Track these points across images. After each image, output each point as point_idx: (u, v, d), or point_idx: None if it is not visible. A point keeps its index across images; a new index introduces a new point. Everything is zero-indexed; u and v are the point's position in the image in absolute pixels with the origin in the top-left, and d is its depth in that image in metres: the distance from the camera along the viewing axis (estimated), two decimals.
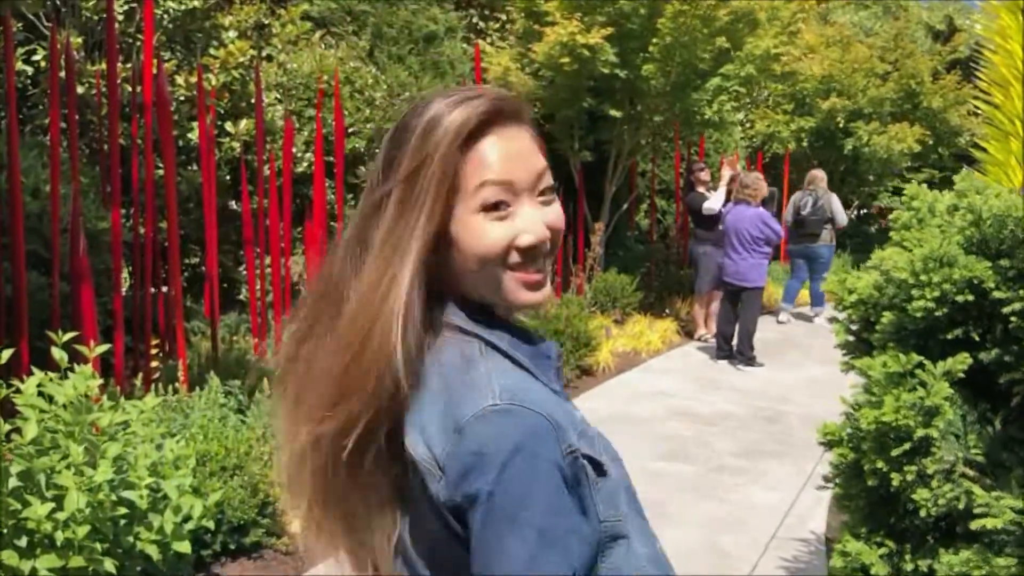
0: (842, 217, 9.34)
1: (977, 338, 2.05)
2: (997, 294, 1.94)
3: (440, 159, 0.94)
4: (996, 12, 15.15)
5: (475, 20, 10.03)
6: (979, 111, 14.27)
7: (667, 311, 9.04)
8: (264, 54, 8.09)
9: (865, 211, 16.52)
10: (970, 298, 1.99)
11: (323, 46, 8.61)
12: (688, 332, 8.67)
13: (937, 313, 2.04)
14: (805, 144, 13.30)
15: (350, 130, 8.12)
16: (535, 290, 1.02)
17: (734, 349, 7.58)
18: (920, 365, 2.03)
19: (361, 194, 1.11)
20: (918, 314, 2.06)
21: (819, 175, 9.48)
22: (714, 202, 8.20)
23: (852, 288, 2.38)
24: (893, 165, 13.91)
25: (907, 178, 14.74)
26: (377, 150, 6.46)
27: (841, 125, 13.15)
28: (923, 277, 2.04)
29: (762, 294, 7.79)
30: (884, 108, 13.40)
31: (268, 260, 6.17)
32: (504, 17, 9.64)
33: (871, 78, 13.22)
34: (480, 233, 0.96)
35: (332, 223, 7.28)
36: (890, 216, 2.72)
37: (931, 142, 13.92)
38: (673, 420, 5.91)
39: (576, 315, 7.20)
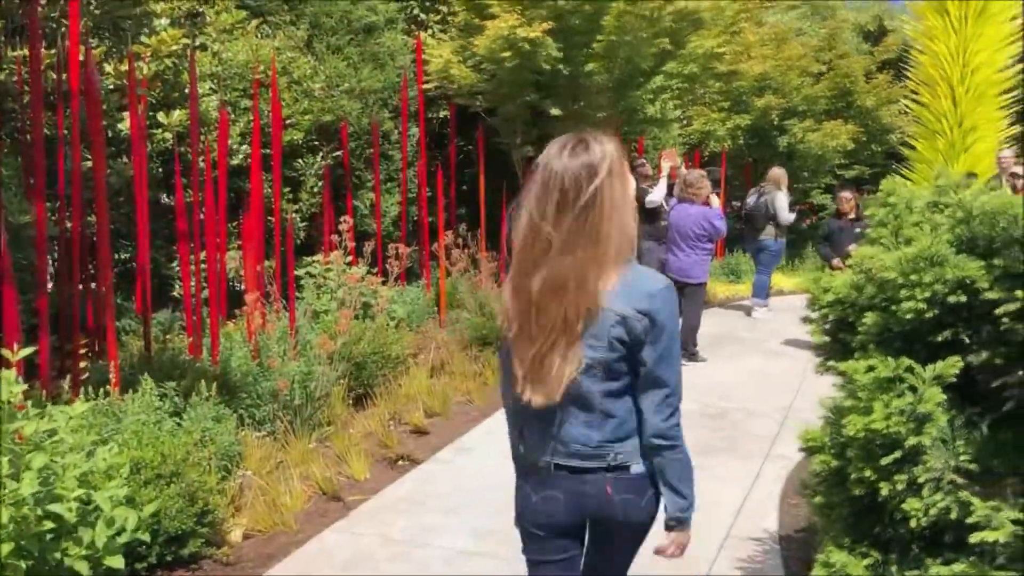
0: (784, 215, 9.52)
1: (967, 340, 2.01)
2: (989, 295, 1.89)
3: None
4: (923, 14, 15.43)
5: (416, 11, 9.86)
6: (909, 110, 14.63)
7: None
8: (198, 43, 7.81)
9: (799, 207, 16.81)
10: (962, 299, 1.93)
11: (259, 35, 8.36)
12: None
13: (927, 315, 1.99)
14: (741, 142, 13.46)
15: (287, 121, 7.91)
16: None
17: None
18: (909, 369, 1.98)
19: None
20: (907, 316, 2.01)
21: (775, 173, 9.71)
22: (656, 194, 8.25)
23: (828, 287, 2.33)
24: (826, 162, 14.18)
25: (839, 174, 15.06)
26: (315, 142, 6.28)
27: (776, 123, 13.36)
28: (913, 277, 1.98)
29: (705, 290, 7.83)
30: (818, 106, 13.65)
31: (203, 255, 5.95)
32: (445, 9, 9.50)
33: (805, 77, 13.45)
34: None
35: (269, 217, 7.08)
36: (865, 212, 2.69)
37: (864, 139, 14.23)
38: None
39: None
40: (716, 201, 7.74)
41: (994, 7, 13.23)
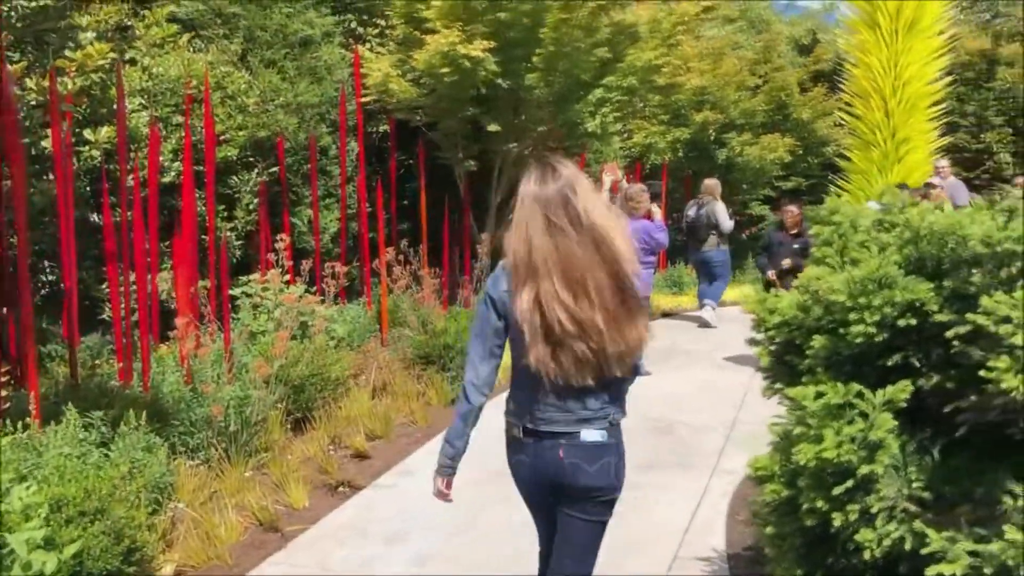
0: (725, 224, 9.72)
1: (917, 363, 1.96)
2: (939, 317, 1.85)
3: None
4: (855, 28, 15.81)
5: (353, 25, 9.72)
6: (844, 122, 14.92)
7: None
8: (127, 57, 7.56)
9: (737, 219, 17.03)
10: (912, 322, 1.89)
11: (191, 50, 8.13)
12: None
13: (877, 338, 1.94)
14: (681, 155, 13.58)
15: (221, 137, 7.70)
16: None
17: None
18: (859, 395, 1.93)
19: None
20: (857, 339, 1.96)
21: (710, 184, 9.96)
22: None
23: (774, 308, 2.27)
24: (765, 174, 14.39)
25: (776, 186, 15.29)
26: (251, 158, 6.10)
27: (714, 136, 13.51)
28: (862, 300, 1.93)
29: (648, 303, 7.81)
30: (755, 119, 13.85)
31: (133, 276, 5.73)
32: (384, 23, 9.38)
33: (742, 91, 13.64)
34: None
35: (203, 235, 6.87)
36: (810, 230, 2.64)
37: (801, 151, 14.47)
38: None
39: (465, 328, 7.04)
40: (658, 213, 7.74)
41: (923, 22, 13.58)
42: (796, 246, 6.81)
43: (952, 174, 10.99)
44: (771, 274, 8.28)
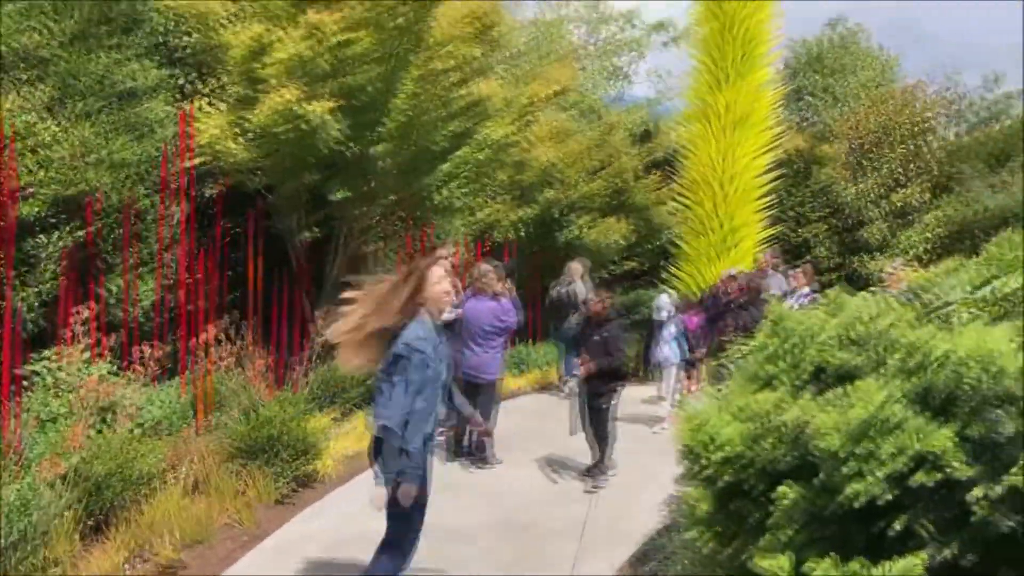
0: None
1: (925, 531, 1.55)
2: (960, 473, 1.44)
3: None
4: (689, 120, 16.40)
5: (182, 82, 8.94)
6: (678, 210, 15.30)
7: None
8: None
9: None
10: (933, 479, 1.45)
11: None
12: None
13: (887, 497, 1.49)
14: (523, 234, 13.43)
15: (23, 192, 6.73)
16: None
17: (472, 446, 7.08)
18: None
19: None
20: (860, 499, 1.52)
21: (573, 266, 10.58)
22: (446, 313, 7.75)
23: (715, 438, 1.77)
24: (603, 256, 14.46)
25: (613, 270, 15.43)
26: (56, 217, 5.57)
27: (558, 216, 13.48)
28: (862, 448, 1.49)
29: (499, 385, 7.39)
30: (595, 203, 13.95)
31: None
32: (219, 80, 8.65)
33: (583, 173, 13.74)
34: None
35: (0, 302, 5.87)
36: (753, 342, 2.20)
37: (639, 236, 14.68)
38: None
39: (293, 418, 6.31)
40: (507, 296, 7.38)
41: (753, 117, 14.26)
42: (596, 338, 6.61)
43: (775, 265, 11.21)
44: (578, 361, 7.91)
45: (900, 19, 47.47)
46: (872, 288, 4.17)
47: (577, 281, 10.36)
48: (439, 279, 4.03)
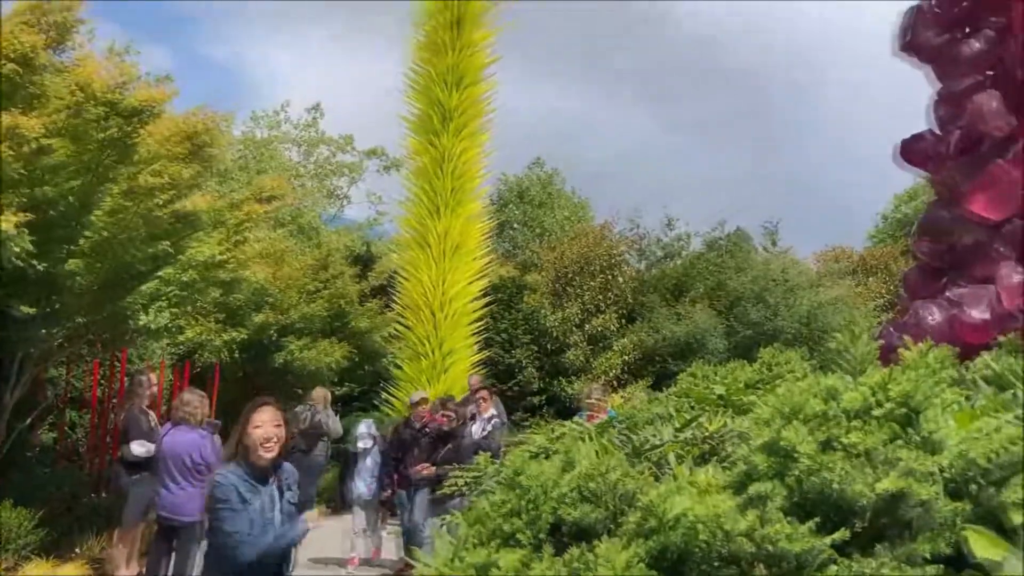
0: (336, 430, 10.14)
1: None
2: None
3: None
4: (407, 246, 16.92)
5: None
6: (397, 333, 15.47)
7: (77, 551, 7.45)
8: None
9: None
10: None
11: None
12: None
13: None
14: (235, 356, 12.86)
15: None
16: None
17: None
18: None
19: None
20: None
21: (319, 394, 10.27)
22: (138, 447, 7.19)
23: None
24: (319, 379, 14.19)
25: (335, 392, 15.20)
26: None
27: (273, 338, 13.09)
28: None
29: (200, 529, 6.83)
30: (314, 325, 13.76)
31: None
32: None
33: (302, 294, 13.55)
34: None
35: None
36: (734, 454, 2.12)
37: (357, 359, 14.62)
38: None
39: None
40: (210, 427, 6.97)
41: (467, 246, 14.99)
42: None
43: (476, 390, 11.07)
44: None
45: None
46: (576, 418, 4.43)
47: (329, 410, 10.28)
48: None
